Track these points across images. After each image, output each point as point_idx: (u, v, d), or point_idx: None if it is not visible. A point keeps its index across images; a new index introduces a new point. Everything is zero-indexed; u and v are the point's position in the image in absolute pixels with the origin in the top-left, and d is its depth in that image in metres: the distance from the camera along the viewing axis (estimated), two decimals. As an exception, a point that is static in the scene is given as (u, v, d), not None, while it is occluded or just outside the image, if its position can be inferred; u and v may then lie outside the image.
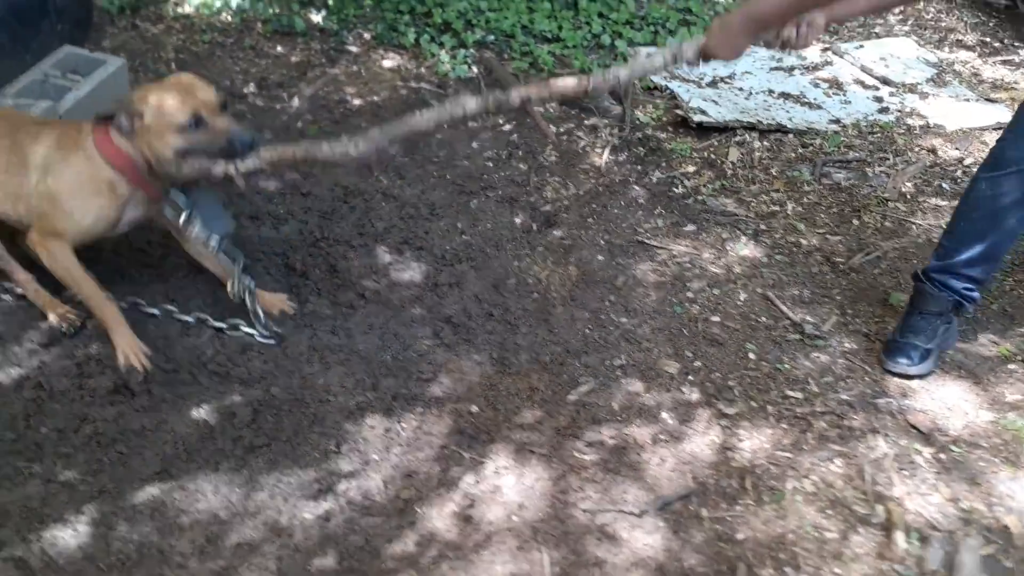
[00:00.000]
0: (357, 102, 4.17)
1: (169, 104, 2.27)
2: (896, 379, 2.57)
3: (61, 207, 2.38)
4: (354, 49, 4.66)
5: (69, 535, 2.00)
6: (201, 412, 2.35)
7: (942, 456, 2.32)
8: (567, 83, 2.56)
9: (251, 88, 4.25)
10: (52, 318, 2.54)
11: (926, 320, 2.58)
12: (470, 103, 2.47)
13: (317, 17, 4.88)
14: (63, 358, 2.46)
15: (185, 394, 2.40)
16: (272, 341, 2.58)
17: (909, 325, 2.60)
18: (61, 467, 2.16)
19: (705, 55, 2.33)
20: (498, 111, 3.37)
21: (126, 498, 2.10)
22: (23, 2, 3.57)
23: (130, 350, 2.42)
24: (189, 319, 2.60)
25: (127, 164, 2.36)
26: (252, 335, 2.57)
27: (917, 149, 3.82)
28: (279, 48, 4.63)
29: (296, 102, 4.13)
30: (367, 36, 4.76)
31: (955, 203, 3.42)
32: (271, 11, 4.82)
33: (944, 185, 3.57)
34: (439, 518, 2.11)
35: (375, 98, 4.20)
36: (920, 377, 2.56)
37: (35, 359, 2.45)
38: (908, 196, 3.49)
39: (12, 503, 2.05)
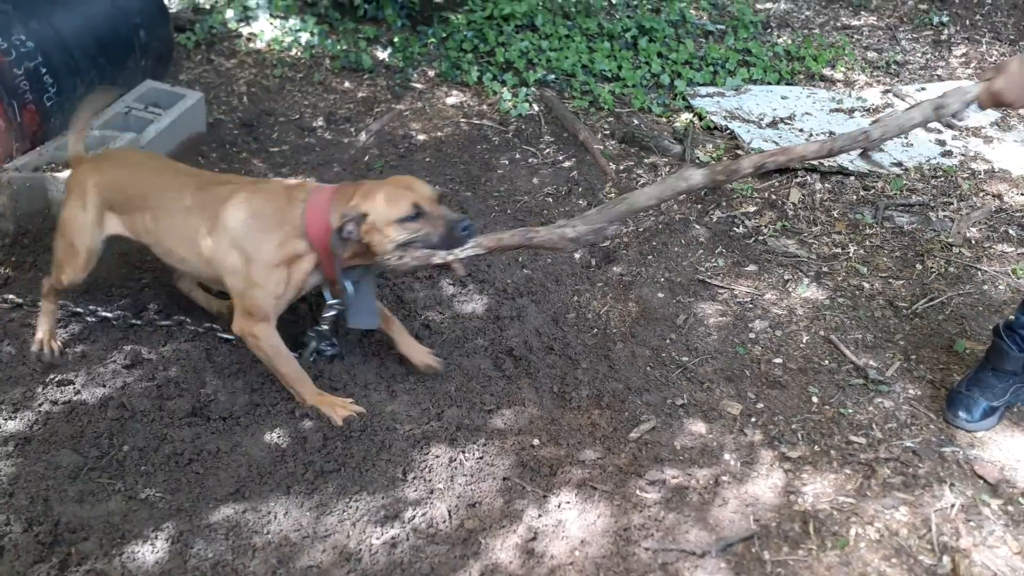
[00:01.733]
0: (421, 137, 4.29)
1: (389, 200, 2.35)
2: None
3: (257, 285, 2.41)
4: (419, 86, 4.80)
5: (148, 551, 2.08)
6: (274, 436, 2.43)
7: (1010, 508, 2.28)
8: (808, 149, 2.40)
9: (320, 122, 4.40)
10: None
11: (997, 377, 2.53)
12: (695, 176, 2.37)
13: (383, 54, 5.05)
14: (144, 380, 2.57)
15: (258, 418, 2.48)
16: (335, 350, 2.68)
17: (978, 379, 2.55)
18: (142, 485, 2.25)
19: (994, 101, 2.16)
20: (727, 182, 3.08)
21: (202, 517, 2.18)
22: (113, 40, 3.77)
23: (342, 411, 2.51)
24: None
25: (327, 250, 2.39)
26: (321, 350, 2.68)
27: (982, 194, 3.79)
28: (347, 83, 4.80)
29: (363, 136, 4.27)
30: (431, 73, 4.91)
31: (1022, 250, 3.39)
32: (339, 47, 5.00)
33: (1011, 231, 3.53)
34: (502, 550, 2.14)
35: (439, 134, 4.32)
36: (979, 431, 2.52)
37: (118, 380, 2.57)
38: (973, 241, 3.46)
39: (95, 518, 2.14)
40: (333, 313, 2.56)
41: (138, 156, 2.90)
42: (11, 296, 2.84)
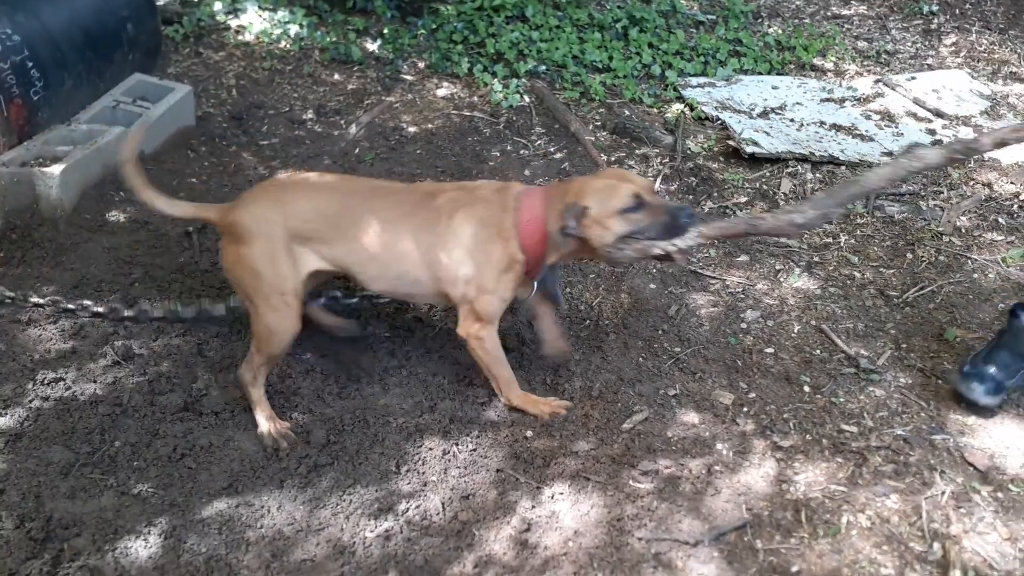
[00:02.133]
0: (412, 129, 4.28)
1: (610, 192, 2.34)
2: (953, 416, 2.55)
3: (487, 291, 2.42)
4: (409, 77, 4.78)
5: (141, 546, 2.08)
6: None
7: (1000, 495, 2.30)
8: None
9: (310, 115, 4.38)
10: None
11: (1012, 357, 2.56)
12: (931, 155, 2.30)
13: (373, 46, 5.03)
14: (136, 375, 2.56)
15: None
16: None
17: (993, 356, 2.57)
18: (134, 480, 2.25)
19: None
20: (965, 159, 3.10)
21: (195, 512, 2.17)
22: (100, 33, 3.74)
23: (547, 408, 2.54)
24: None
25: (539, 250, 2.41)
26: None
27: (972, 183, 3.80)
28: (336, 76, 4.77)
29: (353, 129, 4.25)
30: (421, 65, 4.88)
31: (1012, 238, 3.41)
32: (328, 39, 4.97)
33: (1000, 220, 3.54)
34: (496, 541, 2.15)
35: (429, 126, 4.31)
36: (986, 409, 2.54)
37: (109, 375, 2.56)
38: (963, 230, 3.47)
39: (88, 514, 2.14)
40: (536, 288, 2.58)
41: (317, 180, 2.64)
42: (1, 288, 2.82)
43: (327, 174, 2.83)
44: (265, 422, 2.40)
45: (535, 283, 2.54)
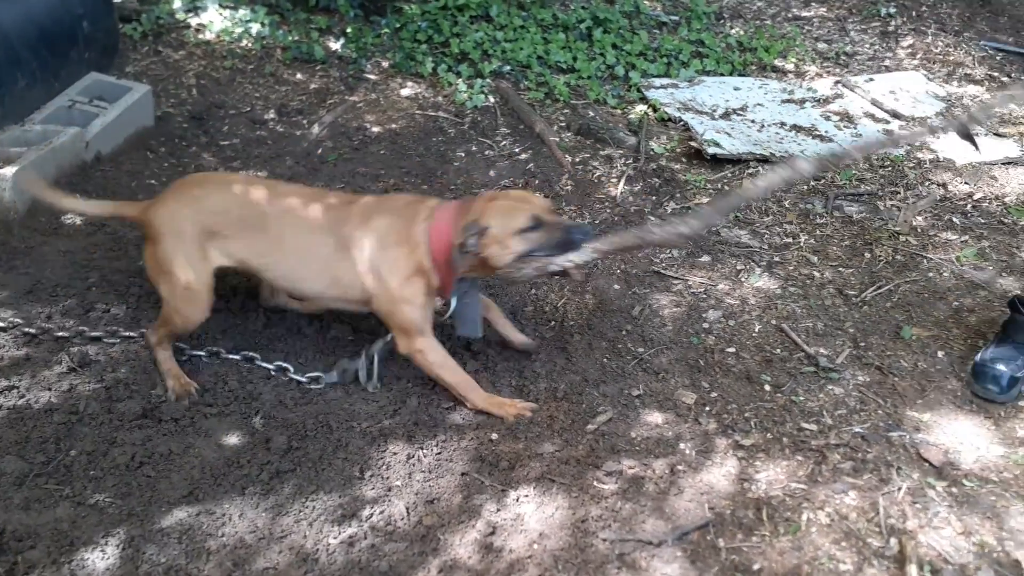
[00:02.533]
0: (376, 129, 4.25)
1: (510, 212, 2.43)
2: (909, 413, 2.60)
3: (398, 299, 2.48)
4: (372, 77, 4.75)
5: (98, 558, 2.04)
6: (227, 437, 2.39)
7: (954, 490, 2.35)
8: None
9: (271, 114, 4.33)
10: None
11: (1017, 349, 2.65)
12: (805, 166, 2.42)
13: (336, 45, 4.98)
14: (92, 382, 2.51)
15: (211, 419, 2.45)
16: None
17: (1001, 353, 2.67)
18: (90, 490, 2.20)
19: None
20: (836, 169, 3.57)
21: (154, 521, 2.14)
22: (55, 31, 3.66)
23: (512, 409, 2.55)
24: (270, 367, 2.65)
25: (449, 268, 2.46)
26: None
27: (927, 183, 3.88)
28: (299, 75, 4.72)
29: (316, 129, 4.21)
30: (385, 64, 4.86)
31: (966, 238, 3.49)
32: (290, 38, 4.92)
33: (955, 219, 3.62)
34: (461, 545, 2.15)
35: (393, 126, 4.28)
36: (1004, 404, 2.62)
37: (64, 383, 2.51)
38: (919, 230, 3.54)
39: (43, 525, 2.09)
40: (452, 312, 2.60)
41: (233, 179, 2.75)
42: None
43: (246, 176, 2.88)
44: (171, 379, 2.52)
45: (452, 303, 2.57)
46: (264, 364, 2.63)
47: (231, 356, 2.66)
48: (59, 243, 3.12)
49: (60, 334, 2.64)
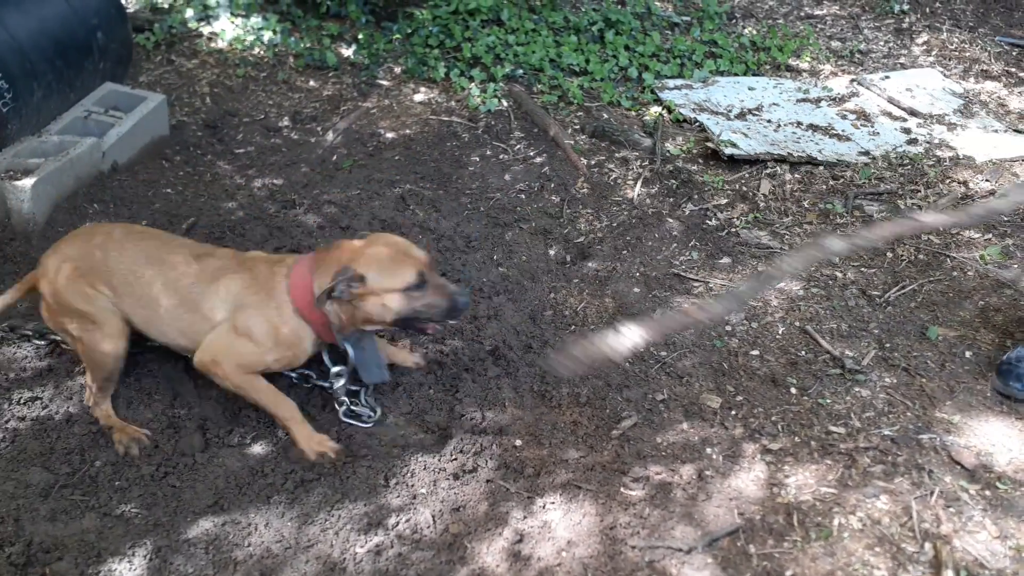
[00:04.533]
0: (390, 135, 4.24)
1: (392, 264, 2.22)
2: (939, 415, 2.57)
3: (248, 351, 2.31)
4: (385, 83, 4.74)
5: (125, 568, 2.03)
6: (251, 446, 2.38)
7: (987, 493, 2.32)
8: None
9: (285, 122, 4.33)
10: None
11: None
12: (835, 244, 2.36)
13: (348, 51, 4.98)
14: (116, 394, 2.50)
15: (234, 428, 2.43)
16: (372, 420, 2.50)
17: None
18: (116, 500, 2.19)
19: None
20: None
21: (180, 531, 2.13)
22: (70, 43, 3.67)
23: (313, 443, 2.35)
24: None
25: (320, 319, 2.29)
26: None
27: (948, 181, 3.84)
28: (311, 82, 4.72)
29: (330, 136, 4.21)
30: (398, 70, 4.85)
31: (989, 236, 3.45)
32: (303, 45, 4.92)
33: (977, 217, 3.58)
34: (489, 554, 2.13)
35: (407, 132, 4.27)
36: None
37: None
38: (941, 228, 3.50)
39: (69, 537, 2.08)
40: (343, 380, 2.45)
41: (115, 233, 2.53)
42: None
43: (134, 228, 2.62)
44: (116, 433, 2.35)
45: (349, 353, 2.39)
46: (288, 373, 2.60)
47: None
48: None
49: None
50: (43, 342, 2.64)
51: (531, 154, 4.09)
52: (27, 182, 3.12)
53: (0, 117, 3.29)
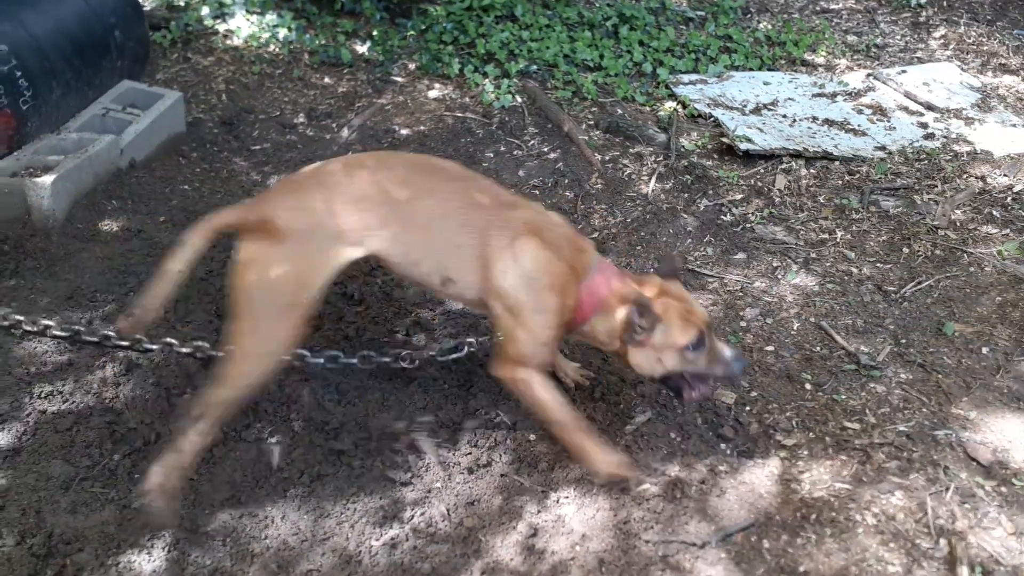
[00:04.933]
0: (405, 132, 4.25)
1: (680, 321, 2.14)
2: (955, 411, 2.55)
3: (531, 336, 2.20)
4: (400, 79, 4.76)
5: (144, 560, 2.05)
6: (268, 440, 2.40)
7: (1003, 489, 2.31)
8: None
9: (301, 118, 4.35)
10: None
11: None
12: None
13: (362, 48, 5.00)
14: (135, 387, 2.53)
15: (251, 422, 2.46)
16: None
17: None
18: (135, 493, 2.22)
19: None
20: None
21: (198, 524, 2.15)
22: (87, 41, 3.70)
23: (614, 468, 2.26)
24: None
25: (587, 316, 2.22)
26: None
27: (965, 176, 3.81)
28: (327, 79, 4.74)
29: (345, 132, 4.23)
30: (412, 66, 4.86)
31: (1007, 231, 3.42)
32: (317, 42, 4.94)
33: (995, 213, 3.55)
34: (503, 547, 2.14)
35: (422, 128, 4.29)
36: None
37: (108, 388, 2.53)
38: (958, 224, 3.48)
39: (89, 528, 2.11)
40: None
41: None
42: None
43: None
44: (165, 475, 2.13)
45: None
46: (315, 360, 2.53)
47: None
48: (97, 249, 3.15)
49: (121, 343, 2.61)
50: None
51: (545, 150, 4.09)
52: (47, 179, 3.15)
53: (20, 115, 3.32)
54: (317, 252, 2.11)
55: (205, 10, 5.08)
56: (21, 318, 2.61)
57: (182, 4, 5.20)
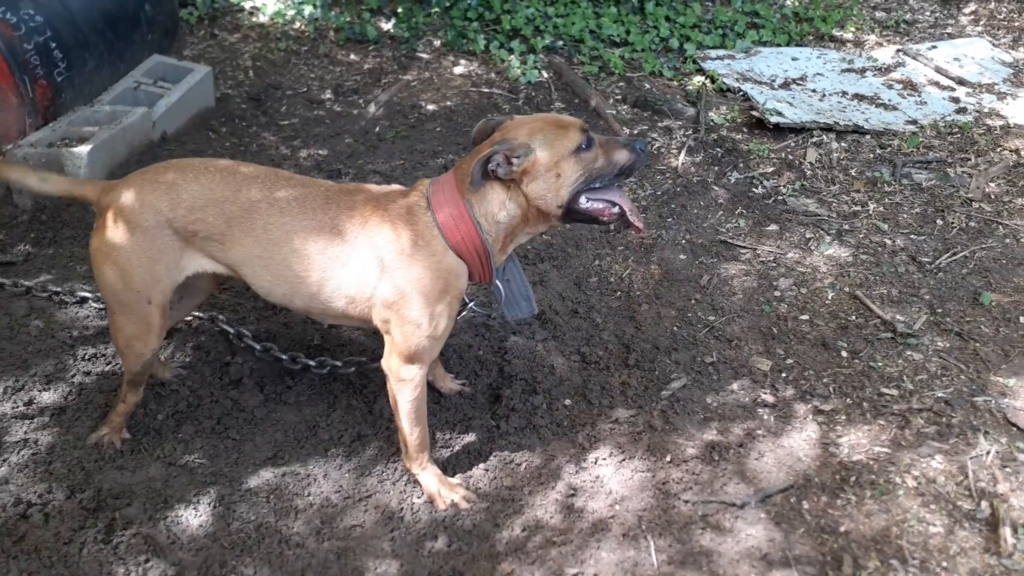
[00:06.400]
0: (431, 107, 4.26)
1: (555, 130, 1.88)
2: (994, 378, 2.54)
3: (415, 320, 1.94)
4: (425, 56, 4.76)
5: (191, 515, 2.08)
6: (307, 403, 2.42)
7: (1043, 455, 2.30)
8: None
9: (328, 94, 4.36)
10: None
11: None
12: None
13: (388, 25, 5.00)
14: (176, 351, 2.56)
15: (291, 386, 2.48)
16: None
17: None
18: (180, 452, 2.25)
19: None
20: None
21: (243, 481, 2.18)
22: (119, 14, 3.73)
23: (446, 490, 2.14)
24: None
25: (475, 245, 1.93)
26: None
27: (999, 149, 3.77)
28: (352, 56, 4.75)
29: (372, 108, 4.23)
30: (437, 43, 4.86)
31: (1043, 203, 3.39)
32: (343, 19, 4.95)
33: (1029, 185, 3.53)
34: (542, 506, 2.15)
35: (448, 103, 4.29)
36: None
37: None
38: (993, 196, 3.45)
39: (137, 484, 2.14)
40: (502, 299, 2.13)
41: (205, 165, 2.05)
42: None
43: (217, 161, 2.12)
44: (107, 426, 2.23)
45: (499, 285, 2.09)
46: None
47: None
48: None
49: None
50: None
51: (573, 124, 4.08)
52: (83, 149, 3.18)
53: (55, 86, 3.35)
54: (161, 252, 1.98)
55: (231, -13, 5.09)
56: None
57: (208, -19, 5.21)
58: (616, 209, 1.96)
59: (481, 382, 2.55)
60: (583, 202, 1.94)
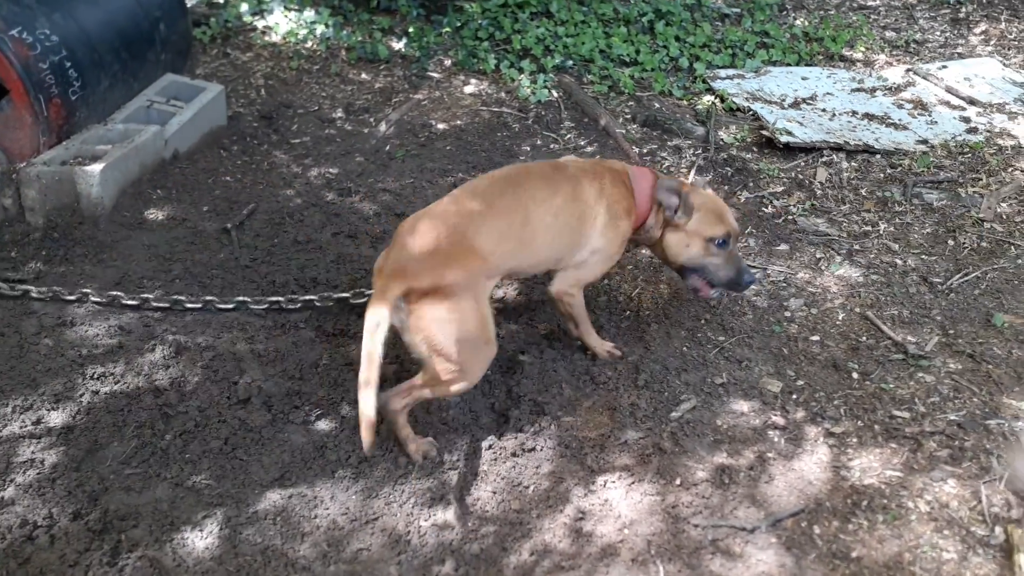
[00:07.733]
0: (441, 126, 4.27)
1: (713, 216, 2.51)
2: (1007, 400, 2.51)
3: (600, 265, 2.57)
4: (436, 75, 4.78)
5: (197, 537, 2.07)
6: (315, 423, 2.42)
7: (1058, 479, 2.27)
8: None
9: (339, 113, 4.39)
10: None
11: None
12: None
13: (399, 44, 5.03)
14: (185, 370, 2.56)
15: (299, 405, 2.48)
16: None
17: None
18: (187, 472, 2.25)
19: None
20: None
21: (249, 503, 2.17)
22: (134, 34, 3.76)
23: (604, 349, 2.69)
24: None
25: (641, 224, 2.56)
26: None
27: (1010, 169, 3.76)
28: (364, 75, 4.78)
29: (383, 126, 4.25)
30: (448, 62, 4.89)
31: (1056, 223, 3.37)
32: (355, 39, 4.98)
33: (1042, 205, 3.50)
34: (550, 530, 2.13)
35: (458, 122, 4.31)
36: None
37: (157, 369, 2.56)
38: (1004, 216, 3.43)
39: (143, 506, 2.14)
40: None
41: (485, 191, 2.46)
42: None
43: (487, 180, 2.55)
44: (413, 445, 2.32)
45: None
46: None
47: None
48: (143, 237, 3.20)
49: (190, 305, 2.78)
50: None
51: (582, 143, 4.09)
52: (96, 167, 3.21)
53: (70, 105, 3.39)
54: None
55: (244, 6, 5.15)
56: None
57: (222, 1, 5.27)
58: (714, 293, 2.64)
59: (489, 403, 2.54)
60: (694, 278, 2.63)
